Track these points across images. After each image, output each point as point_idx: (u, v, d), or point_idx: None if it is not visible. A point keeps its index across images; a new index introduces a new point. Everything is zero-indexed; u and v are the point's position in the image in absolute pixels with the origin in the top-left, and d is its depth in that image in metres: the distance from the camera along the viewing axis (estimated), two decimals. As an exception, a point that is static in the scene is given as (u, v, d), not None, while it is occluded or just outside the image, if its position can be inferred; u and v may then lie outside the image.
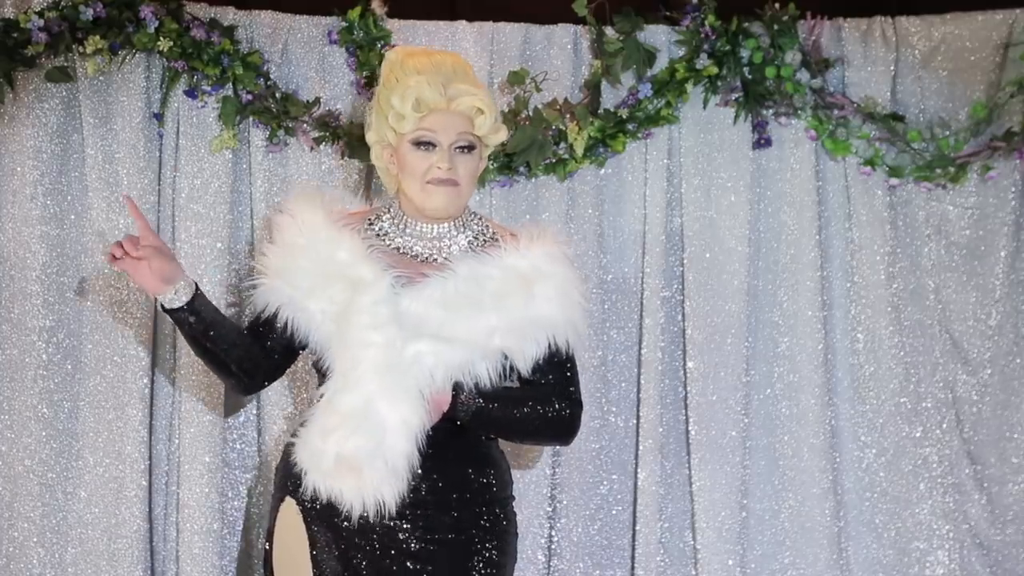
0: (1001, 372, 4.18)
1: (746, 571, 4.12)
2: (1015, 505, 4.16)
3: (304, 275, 3.11)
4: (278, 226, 3.20)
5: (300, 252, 3.13)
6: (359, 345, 3.03)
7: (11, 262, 3.91)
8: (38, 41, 3.78)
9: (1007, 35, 4.12)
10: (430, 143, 3.11)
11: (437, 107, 3.11)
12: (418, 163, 3.12)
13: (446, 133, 3.11)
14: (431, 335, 3.05)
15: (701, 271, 4.10)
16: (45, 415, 3.92)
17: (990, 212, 4.17)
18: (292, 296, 3.12)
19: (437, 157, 3.11)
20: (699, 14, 4.04)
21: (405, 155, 3.14)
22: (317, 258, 3.11)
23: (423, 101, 3.09)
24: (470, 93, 3.12)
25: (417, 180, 3.13)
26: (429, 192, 3.12)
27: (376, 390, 3.02)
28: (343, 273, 3.09)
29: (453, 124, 3.12)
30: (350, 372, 3.04)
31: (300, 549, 3.14)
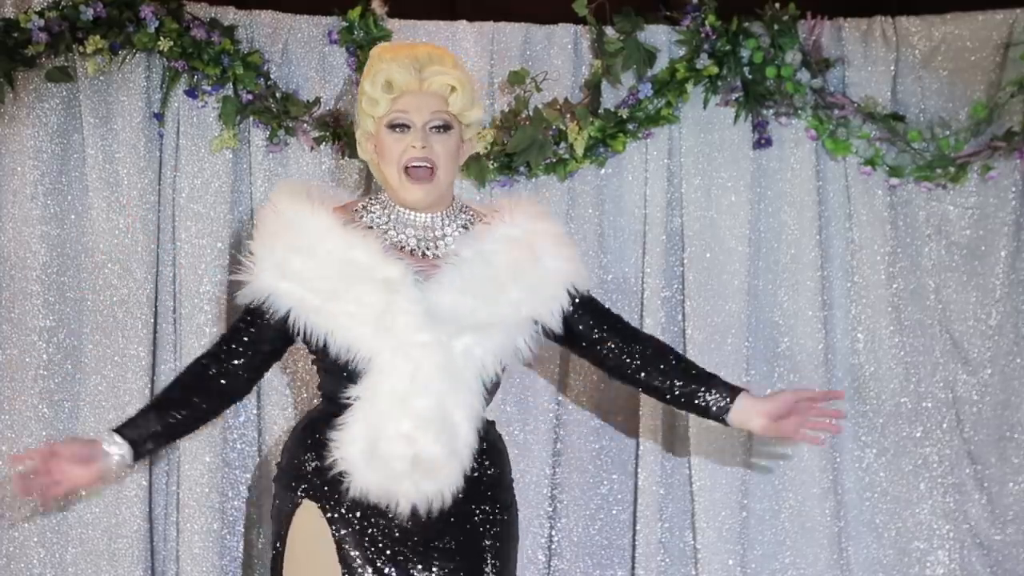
0: (1001, 372, 4.18)
1: (746, 571, 4.11)
2: (1015, 505, 4.16)
3: (319, 277, 3.05)
4: (264, 221, 3.15)
5: (307, 252, 3.07)
6: (411, 346, 3.01)
7: (11, 262, 3.91)
8: (38, 41, 3.78)
9: (1007, 35, 4.12)
10: (404, 124, 3.10)
11: (409, 88, 3.10)
12: (393, 146, 3.11)
13: (419, 113, 3.10)
14: (470, 325, 3.05)
15: (701, 271, 4.10)
16: (46, 415, 3.92)
17: (990, 212, 4.17)
18: (304, 298, 3.05)
19: (411, 137, 3.10)
20: (699, 14, 4.04)
21: (382, 140, 3.13)
22: (330, 259, 3.06)
23: (394, 82, 3.09)
24: (443, 72, 3.11)
25: (394, 165, 3.11)
26: (406, 186, 3.11)
27: (446, 390, 3.02)
28: (368, 275, 3.04)
29: (426, 104, 3.11)
30: (416, 373, 3.00)
31: (325, 552, 3.08)
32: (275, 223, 3.11)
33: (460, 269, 3.08)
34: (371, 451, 3.01)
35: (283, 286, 3.06)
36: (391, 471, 3.00)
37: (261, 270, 3.08)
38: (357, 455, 3.02)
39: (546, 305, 3.15)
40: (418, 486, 3.01)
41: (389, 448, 3.00)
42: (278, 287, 3.06)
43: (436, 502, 3.04)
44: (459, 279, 3.07)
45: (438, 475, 3.02)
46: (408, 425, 2.99)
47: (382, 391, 3.02)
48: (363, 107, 3.14)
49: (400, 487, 3.01)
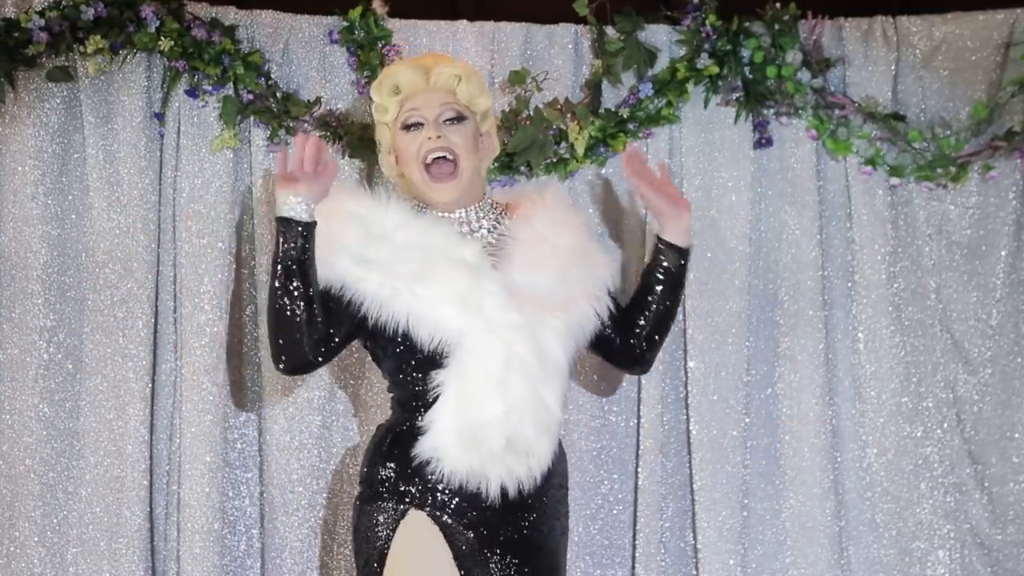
0: (1002, 372, 4.18)
1: (747, 571, 4.12)
2: (1016, 505, 4.16)
3: (400, 262, 3.02)
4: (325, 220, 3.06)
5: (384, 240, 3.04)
6: (501, 326, 3.00)
7: (12, 262, 3.91)
8: (39, 41, 3.78)
9: (1008, 35, 4.12)
10: (417, 123, 3.11)
11: (416, 87, 3.11)
12: (410, 145, 3.12)
13: (429, 108, 3.12)
14: (549, 304, 3.06)
15: (702, 271, 4.10)
16: (46, 415, 3.92)
17: (991, 212, 4.17)
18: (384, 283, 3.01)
19: (425, 131, 3.10)
20: (700, 14, 4.04)
21: (399, 144, 3.13)
22: (408, 245, 3.03)
23: (401, 84, 3.10)
24: (447, 65, 3.13)
25: (415, 164, 3.11)
26: (430, 186, 3.11)
27: (536, 371, 3.01)
28: (448, 256, 3.03)
29: (435, 98, 3.13)
30: (508, 354, 2.99)
31: (441, 560, 3.03)
32: (338, 220, 3.06)
33: (526, 250, 3.08)
34: (465, 434, 2.98)
35: (358, 272, 3.02)
36: (486, 453, 2.98)
37: (336, 259, 3.04)
38: (450, 438, 2.99)
39: (600, 289, 3.20)
40: (511, 468, 3.00)
41: (484, 430, 2.97)
42: (353, 273, 3.02)
43: (527, 483, 3.03)
44: (528, 259, 3.08)
45: (531, 456, 3.01)
46: (502, 407, 2.98)
47: (473, 372, 2.99)
48: (377, 119, 3.14)
49: (493, 469, 2.99)
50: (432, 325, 3.01)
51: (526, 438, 3.01)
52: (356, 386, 4.05)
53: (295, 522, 4.00)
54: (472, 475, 3.00)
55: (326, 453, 4.03)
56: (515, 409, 2.99)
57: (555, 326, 3.06)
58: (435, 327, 3.01)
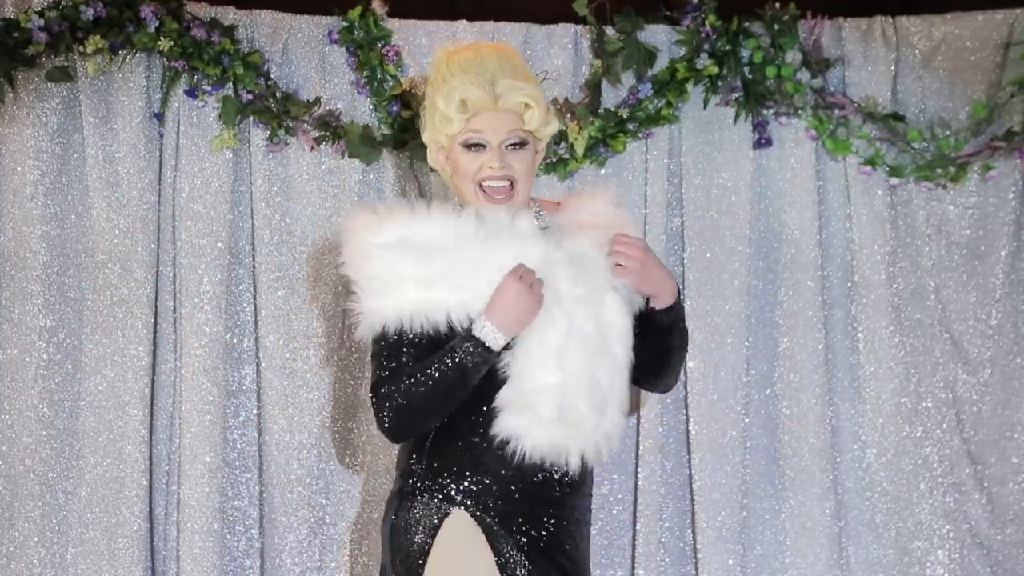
0: (1001, 372, 4.18)
1: (746, 571, 4.12)
2: (1015, 505, 4.16)
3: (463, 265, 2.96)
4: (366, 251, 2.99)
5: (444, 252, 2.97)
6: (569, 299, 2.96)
7: (11, 262, 3.91)
8: (38, 41, 3.78)
9: (1007, 35, 4.12)
10: (479, 144, 3.02)
11: (484, 107, 3.01)
12: (469, 164, 3.02)
13: (495, 132, 3.01)
14: (607, 277, 3.02)
15: (701, 271, 4.10)
16: (45, 415, 3.92)
17: (990, 212, 4.17)
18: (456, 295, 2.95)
19: (488, 157, 3.02)
20: (699, 14, 4.04)
21: (456, 157, 3.04)
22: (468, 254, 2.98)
23: (468, 102, 3.00)
24: (517, 88, 3.02)
25: (469, 181, 3.03)
26: (484, 204, 3.02)
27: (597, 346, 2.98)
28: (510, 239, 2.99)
29: (502, 122, 3.02)
30: (572, 329, 2.94)
31: (483, 560, 2.98)
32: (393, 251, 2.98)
33: (570, 228, 3.05)
34: (515, 400, 2.94)
35: (429, 296, 2.95)
36: (533, 418, 2.93)
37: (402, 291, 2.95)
38: (508, 402, 2.95)
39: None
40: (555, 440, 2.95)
41: (535, 396, 2.93)
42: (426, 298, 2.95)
43: (574, 460, 2.99)
44: (577, 235, 3.04)
45: (580, 433, 2.97)
46: (558, 376, 2.93)
47: (532, 345, 2.95)
48: (435, 123, 3.05)
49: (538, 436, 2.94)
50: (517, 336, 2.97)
51: (578, 412, 2.95)
52: (356, 386, 4.05)
53: (295, 522, 4.00)
54: (516, 439, 2.95)
55: (326, 453, 4.03)
56: (571, 381, 2.94)
57: (614, 298, 3.02)
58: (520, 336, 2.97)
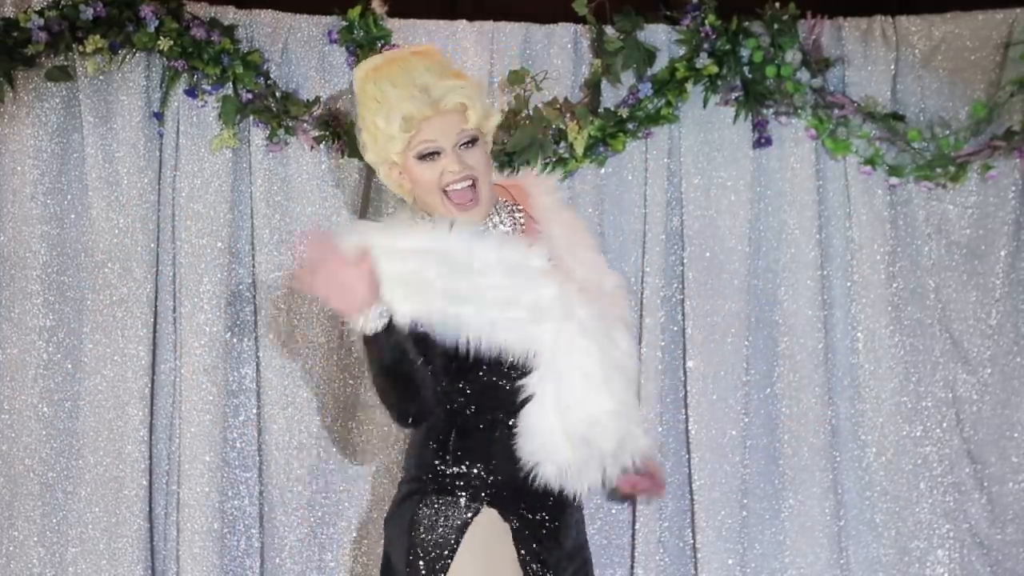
0: (1001, 371, 4.18)
1: (746, 570, 4.12)
2: (1015, 504, 4.16)
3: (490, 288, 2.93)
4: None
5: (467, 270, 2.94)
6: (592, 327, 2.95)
7: (11, 262, 3.91)
8: (38, 40, 3.78)
9: (1007, 34, 4.12)
10: (435, 152, 2.97)
11: (424, 115, 2.96)
12: (428, 174, 2.98)
13: (446, 137, 2.97)
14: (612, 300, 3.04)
15: (701, 270, 4.10)
16: (45, 414, 3.92)
17: (990, 211, 4.17)
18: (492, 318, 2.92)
19: (446, 161, 2.97)
20: (699, 13, 4.04)
21: (413, 170, 2.99)
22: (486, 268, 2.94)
23: (409, 118, 2.95)
24: (453, 88, 2.99)
25: (435, 191, 2.99)
26: (453, 212, 2.98)
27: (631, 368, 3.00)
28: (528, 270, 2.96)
29: (449, 125, 2.98)
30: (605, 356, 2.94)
31: (508, 560, 2.97)
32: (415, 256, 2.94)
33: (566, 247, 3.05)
34: (575, 434, 2.92)
35: (453, 310, 2.91)
36: (596, 453, 2.93)
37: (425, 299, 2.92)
38: (558, 439, 2.92)
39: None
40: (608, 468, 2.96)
41: (595, 429, 2.92)
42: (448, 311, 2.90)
43: (614, 479, 3.00)
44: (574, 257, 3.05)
45: (635, 456, 2.98)
46: (612, 405, 2.93)
47: (572, 374, 2.93)
48: (379, 143, 2.99)
49: (596, 469, 2.95)
50: (529, 342, 2.95)
51: (635, 437, 2.98)
52: (356, 386, 4.05)
53: (294, 522, 4.01)
54: (574, 476, 2.95)
55: (325, 453, 4.03)
56: (623, 408, 2.95)
57: (622, 321, 3.04)
58: (532, 343, 2.95)
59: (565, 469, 2.93)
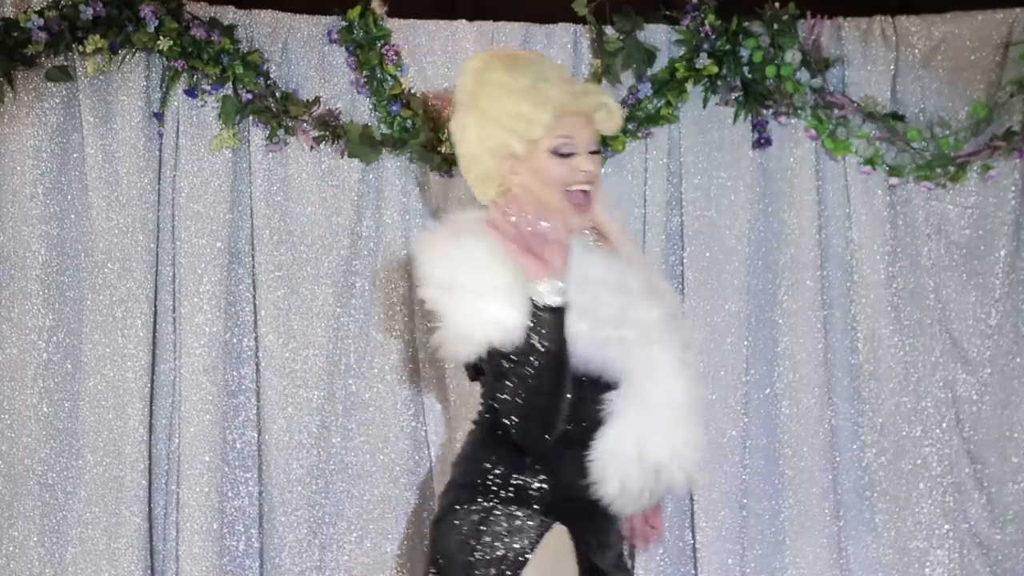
0: (1001, 371, 4.18)
1: (746, 570, 4.12)
2: (1015, 504, 4.16)
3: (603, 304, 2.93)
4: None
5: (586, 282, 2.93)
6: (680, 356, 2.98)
7: (11, 261, 3.91)
8: (38, 40, 3.78)
9: (1007, 34, 4.12)
10: (572, 152, 3.00)
11: (573, 109, 3.00)
12: (559, 171, 2.99)
13: (582, 138, 3.01)
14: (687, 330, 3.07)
15: (701, 270, 4.10)
16: (45, 414, 3.92)
17: (990, 211, 4.17)
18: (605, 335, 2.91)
19: (578, 161, 3.00)
20: (699, 13, 4.04)
21: (542, 163, 3.00)
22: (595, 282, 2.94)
23: (561, 105, 2.97)
24: (597, 91, 3.05)
25: (557, 188, 3.00)
26: (570, 212, 3.00)
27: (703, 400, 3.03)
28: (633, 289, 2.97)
29: (586, 127, 3.03)
30: (688, 387, 2.96)
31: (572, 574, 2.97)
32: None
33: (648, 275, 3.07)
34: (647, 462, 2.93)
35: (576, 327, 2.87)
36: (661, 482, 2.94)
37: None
38: (632, 466, 2.92)
39: None
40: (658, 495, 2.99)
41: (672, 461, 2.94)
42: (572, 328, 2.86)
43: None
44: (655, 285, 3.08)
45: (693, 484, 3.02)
46: (695, 439, 2.96)
47: (659, 401, 2.93)
48: (508, 130, 2.99)
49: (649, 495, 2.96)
50: (624, 363, 2.94)
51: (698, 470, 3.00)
52: (355, 386, 4.05)
53: (294, 522, 4.00)
54: (632, 499, 2.95)
55: (325, 453, 4.03)
56: (700, 446, 2.98)
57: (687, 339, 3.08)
58: (626, 364, 2.94)
59: (627, 491, 2.93)
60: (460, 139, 3.08)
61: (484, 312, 2.88)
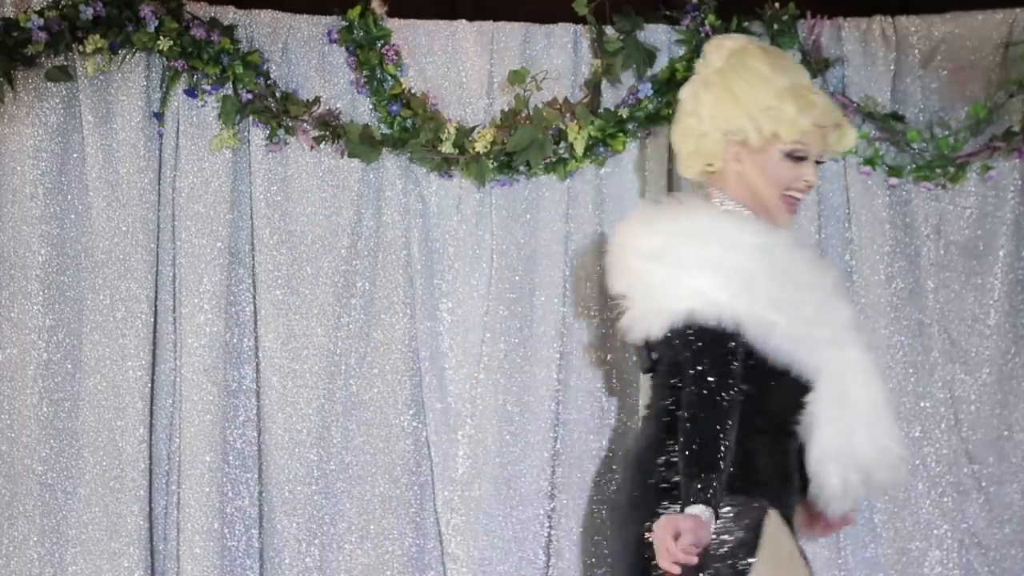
0: (1000, 372, 4.18)
1: (745, 570, 4.12)
2: (1014, 504, 4.16)
3: (803, 302, 3.00)
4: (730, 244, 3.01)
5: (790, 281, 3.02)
6: (866, 348, 3.05)
7: (11, 261, 3.91)
8: (38, 40, 3.78)
9: (1007, 34, 4.11)
10: (804, 158, 3.10)
11: (820, 122, 3.11)
12: (786, 173, 3.09)
13: (815, 147, 3.11)
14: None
15: (701, 271, 4.10)
16: (45, 414, 3.92)
17: (989, 212, 4.17)
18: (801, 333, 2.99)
19: (806, 170, 3.10)
20: (699, 13, 4.04)
21: (771, 161, 3.09)
22: (798, 278, 3.03)
23: (823, 116, 3.08)
24: (836, 108, 3.17)
25: (778, 189, 3.10)
26: (783, 212, 3.11)
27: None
28: (829, 288, 3.07)
29: (820, 140, 3.12)
30: (882, 388, 3.05)
31: (796, 558, 3.08)
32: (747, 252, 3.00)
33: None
34: (864, 460, 3.03)
35: (766, 316, 2.95)
36: (868, 483, 3.06)
37: (755, 298, 2.96)
38: (846, 465, 3.03)
39: None
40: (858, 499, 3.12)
41: (882, 458, 3.04)
42: (758, 315, 2.95)
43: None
44: None
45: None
46: (899, 438, 3.07)
47: (860, 401, 3.01)
48: (756, 120, 3.07)
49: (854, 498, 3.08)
50: (821, 360, 3.01)
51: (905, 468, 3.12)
52: (355, 386, 4.05)
53: (294, 522, 4.00)
54: (841, 499, 3.07)
55: (325, 453, 4.03)
56: (897, 438, 3.09)
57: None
58: (823, 361, 3.01)
59: (846, 491, 3.04)
60: (690, 110, 3.14)
61: (687, 282, 2.92)
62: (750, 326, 2.94)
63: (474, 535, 4.02)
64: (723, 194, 3.14)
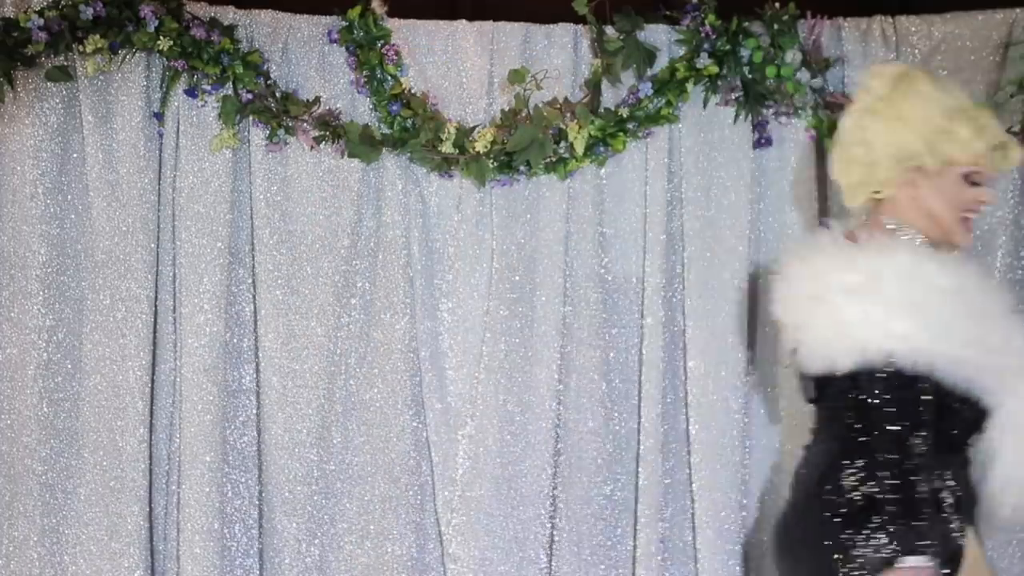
0: (1000, 371, 4.18)
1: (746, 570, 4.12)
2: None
3: (988, 332, 3.03)
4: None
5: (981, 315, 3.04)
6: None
7: (11, 261, 3.91)
8: (38, 40, 3.78)
9: (1007, 34, 4.11)
10: (980, 183, 3.15)
11: (991, 144, 3.15)
12: (966, 195, 3.13)
13: (989, 167, 3.16)
14: None
15: (701, 270, 4.10)
16: (45, 414, 3.92)
17: (989, 211, 4.16)
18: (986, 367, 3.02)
19: (983, 193, 3.15)
20: (699, 13, 4.04)
21: (950, 185, 3.12)
22: (985, 311, 3.04)
23: (996, 137, 3.13)
24: (1000, 129, 3.20)
25: (956, 211, 3.14)
26: (962, 233, 3.14)
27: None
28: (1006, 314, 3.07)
29: (991, 158, 3.17)
30: None
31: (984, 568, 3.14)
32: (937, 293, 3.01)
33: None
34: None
35: (957, 354, 2.97)
36: None
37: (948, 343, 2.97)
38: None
39: None
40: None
41: None
42: (950, 356, 2.97)
43: None
44: None
45: None
46: None
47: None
48: (932, 140, 3.10)
49: None
50: (1008, 389, 3.03)
51: None
52: (356, 386, 4.05)
53: (295, 522, 4.01)
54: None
55: (325, 453, 4.03)
56: None
57: None
58: (1011, 390, 3.03)
59: (1011, 518, 3.08)
60: (856, 140, 3.14)
61: (888, 324, 2.94)
62: (942, 365, 2.97)
63: (475, 535, 4.02)
64: (895, 220, 3.15)
